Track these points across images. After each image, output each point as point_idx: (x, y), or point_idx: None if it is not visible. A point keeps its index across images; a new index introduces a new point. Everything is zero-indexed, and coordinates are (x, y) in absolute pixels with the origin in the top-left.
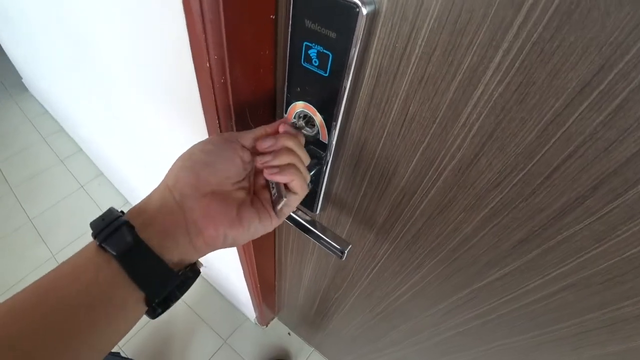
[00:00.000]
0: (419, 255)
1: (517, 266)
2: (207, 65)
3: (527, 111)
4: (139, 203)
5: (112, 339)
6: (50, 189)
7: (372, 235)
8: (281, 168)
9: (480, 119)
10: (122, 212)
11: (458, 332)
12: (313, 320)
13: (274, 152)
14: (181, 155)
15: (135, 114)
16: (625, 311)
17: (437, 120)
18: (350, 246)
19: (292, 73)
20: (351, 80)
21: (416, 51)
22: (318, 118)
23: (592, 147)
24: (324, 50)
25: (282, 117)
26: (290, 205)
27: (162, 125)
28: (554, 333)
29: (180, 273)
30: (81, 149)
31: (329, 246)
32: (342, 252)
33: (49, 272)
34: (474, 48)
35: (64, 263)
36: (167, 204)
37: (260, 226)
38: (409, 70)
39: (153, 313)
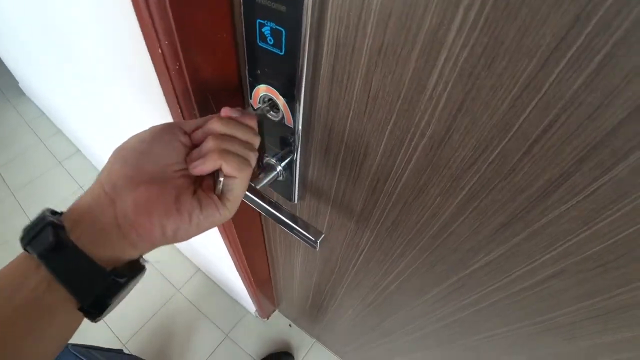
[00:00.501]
0: (401, 243)
1: (501, 252)
2: (159, 51)
3: (497, 77)
4: (73, 204)
5: (50, 347)
6: (50, 191)
7: (352, 224)
8: (204, 157)
9: (447, 89)
10: (60, 212)
11: (450, 321)
12: (310, 313)
13: (205, 141)
14: (116, 148)
15: (117, 109)
16: (619, 299)
17: (402, 95)
18: (323, 235)
19: (250, 55)
20: (308, 57)
21: (371, 19)
22: (281, 101)
23: (573, 114)
24: (277, 27)
25: (247, 102)
26: (234, 190)
27: (142, 117)
28: (546, 322)
29: (110, 270)
30: (79, 150)
31: (301, 236)
32: (315, 242)
33: None
34: (432, 8)
35: None
36: (98, 199)
37: (204, 217)
38: (367, 41)
39: (91, 316)
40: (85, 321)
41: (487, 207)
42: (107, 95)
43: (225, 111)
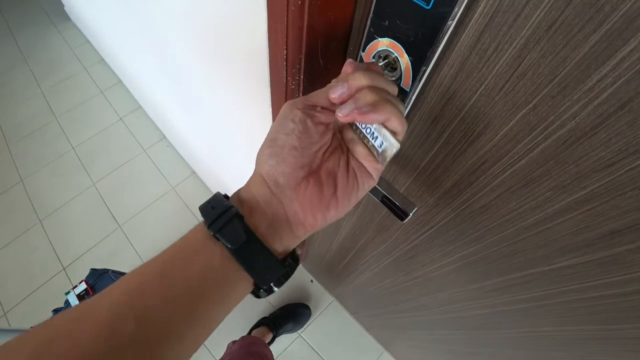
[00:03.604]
0: (482, 228)
1: (597, 257)
2: None
3: None
4: (242, 192)
5: (221, 316)
6: (92, 119)
7: (433, 199)
8: (369, 106)
9: (617, 84)
10: (226, 196)
11: (499, 310)
12: (340, 274)
13: (354, 99)
14: (265, 142)
15: (182, 50)
16: None
17: (557, 80)
18: (417, 209)
19: (381, 2)
20: (458, 18)
21: None
22: (404, 60)
23: None
24: None
25: (356, 55)
26: (392, 148)
27: (211, 64)
28: (611, 332)
29: (286, 264)
30: (121, 81)
31: (392, 206)
32: (406, 214)
33: (167, 252)
34: None
35: (180, 245)
36: (265, 196)
37: (361, 191)
38: (537, 13)
39: (257, 294)
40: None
41: (604, 212)
42: (179, 33)
43: (352, 65)
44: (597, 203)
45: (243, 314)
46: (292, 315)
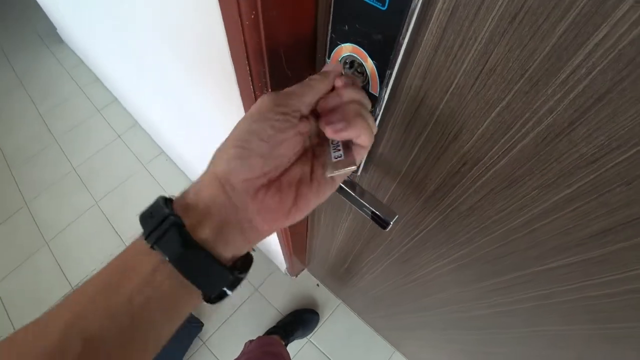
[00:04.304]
0: (471, 230)
1: (590, 257)
2: None
3: None
4: (189, 195)
5: (170, 329)
6: (90, 139)
7: (419, 203)
8: (348, 122)
9: (592, 74)
10: (170, 199)
11: (500, 311)
12: (342, 277)
13: (340, 110)
14: (231, 139)
15: (162, 64)
16: None
17: (527, 74)
18: (397, 217)
19: (339, 6)
20: (417, 16)
21: None
22: (369, 65)
23: None
24: None
25: (323, 62)
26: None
27: (189, 76)
28: (612, 330)
29: (231, 267)
30: (116, 99)
31: (372, 215)
32: (387, 223)
33: (110, 265)
34: None
35: (120, 258)
36: (219, 200)
37: (320, 199)
38: (499, 3)
39: (209, 301)
40: None
41: (593, 210)
42: (155, 49)
43: (343, 81)
44: (584, 201)
45: (251, 323)
46: (300, 322)
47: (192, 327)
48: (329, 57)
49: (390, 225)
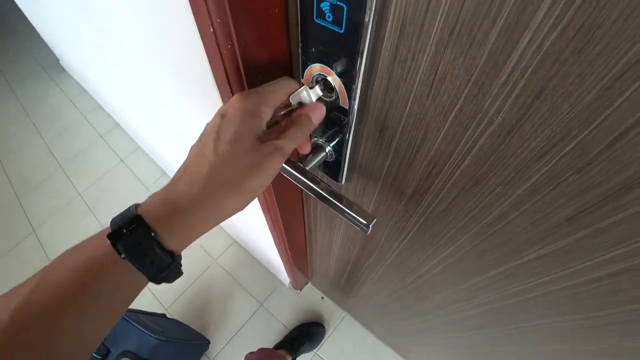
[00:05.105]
0: (451, 229)
1: (561, 246)
2: (211, 30)
3: (587, 64)
4: (167, 191)
5: (120, 311)
6: (95, 164)
7: (401, 206)
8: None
9: (526, 75)
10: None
11: (491, 308)
12: (344, 287)
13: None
14: (205, 142)
15: (154, 89)
16: None
17: (473, 79)
18: (375, 220)
19: (305, 32)
20: (371, 36)
21: None
22: (336, 81)
23: None
24: (337, 2)
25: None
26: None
27: (180, 98)
28: (599, 319)
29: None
30: (118, 124)
31: (353, 220)
32: (367, 227)
33: (73, 252)
34: None
35: (85, 247)
36: (190, 195)
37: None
38: (438, 18)
39: (153, 280)
40: None
41: (553, 200)
42: (141, 75)
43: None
44: (544, 192)
45: (258, 339)
46: (307, 335)
47: (199, 345)
48: (302, 77)
49: (370, 228)
